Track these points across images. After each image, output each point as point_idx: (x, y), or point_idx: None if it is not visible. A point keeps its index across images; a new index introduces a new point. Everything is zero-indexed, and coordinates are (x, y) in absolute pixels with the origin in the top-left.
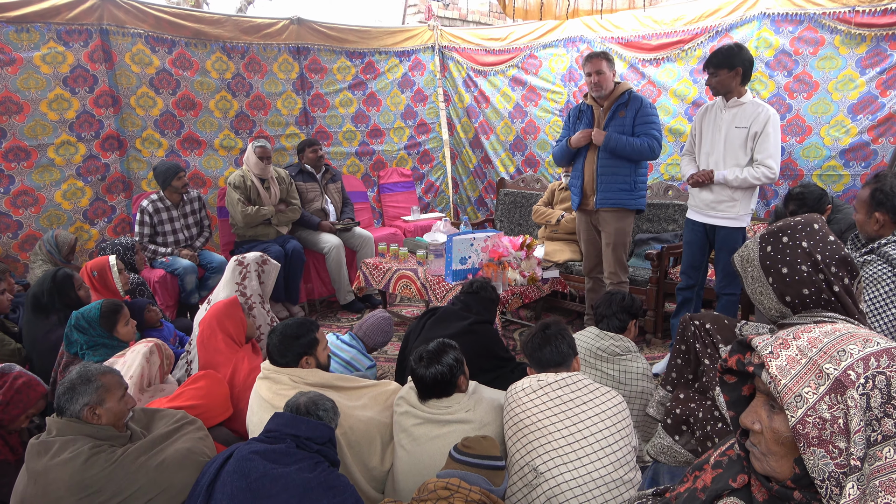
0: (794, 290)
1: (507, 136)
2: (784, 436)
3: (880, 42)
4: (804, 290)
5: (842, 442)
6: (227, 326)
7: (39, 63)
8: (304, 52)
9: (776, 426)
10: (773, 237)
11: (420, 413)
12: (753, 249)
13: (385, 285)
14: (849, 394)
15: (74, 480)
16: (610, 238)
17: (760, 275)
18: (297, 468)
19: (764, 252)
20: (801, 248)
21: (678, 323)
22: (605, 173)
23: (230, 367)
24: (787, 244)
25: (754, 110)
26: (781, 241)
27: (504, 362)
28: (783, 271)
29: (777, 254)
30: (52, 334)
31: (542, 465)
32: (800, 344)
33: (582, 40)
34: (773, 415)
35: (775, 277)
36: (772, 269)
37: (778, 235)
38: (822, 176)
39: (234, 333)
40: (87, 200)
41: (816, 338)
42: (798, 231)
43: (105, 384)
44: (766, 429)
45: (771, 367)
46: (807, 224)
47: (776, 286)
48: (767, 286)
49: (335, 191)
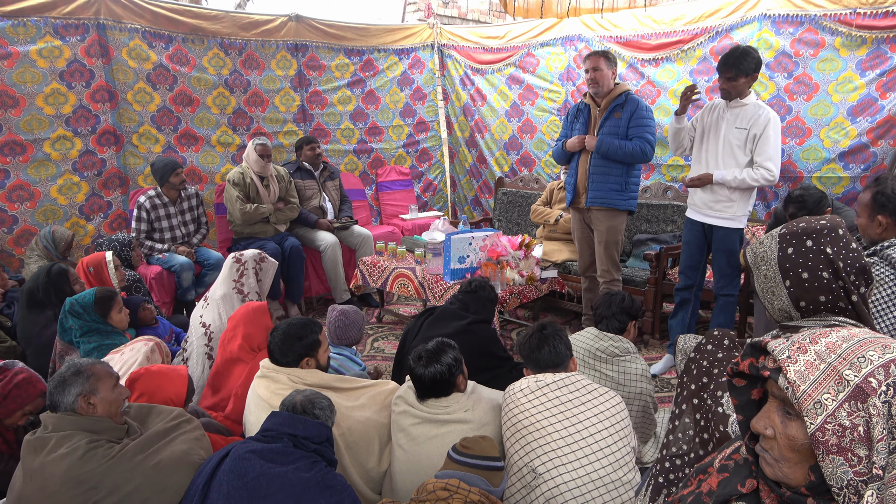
0: (811, 296)
1: (503, 134)
2: (800, 443)
3: (881, 44)
4: (821, 297)
5: (861, 450)
6: (249, 331)
7: (36, 57)
8: (302, 49)
9: (791, 433)
10: (797, 239)
11: (418, 413)
12: (771, 248)
13: (382, 284)
14: (871, 402)
15: (71, 475)
16: (602, 236)
17: (776, 275)
18: (293, 467)
19: (784, 253)
20: (824, 253)
21: (674, 326)
22: (598, 173)
23: (245, 370)
24: (810, 248)
25: (755, 112)
26: (805, 244)
27: (502, 362)
28: (803, 276)
29: (799, 257)
30: (47, 330)
31: (540, 466)
32: (818, 349)
33: (580, 39)
34: (787, 421)
35: (793, 281)
36: (791, 273)
37: (802, 238)
38: (822, 178)
39: (254, 339)
40: (83, 196)
41: (835, 343)
42: (824, 236)
43: (96, 373)
44: (781, 434)
45: (789, 372)
46: (832, 229)
47: (793, 290)
48: (782, 288)
49: (333, 188)
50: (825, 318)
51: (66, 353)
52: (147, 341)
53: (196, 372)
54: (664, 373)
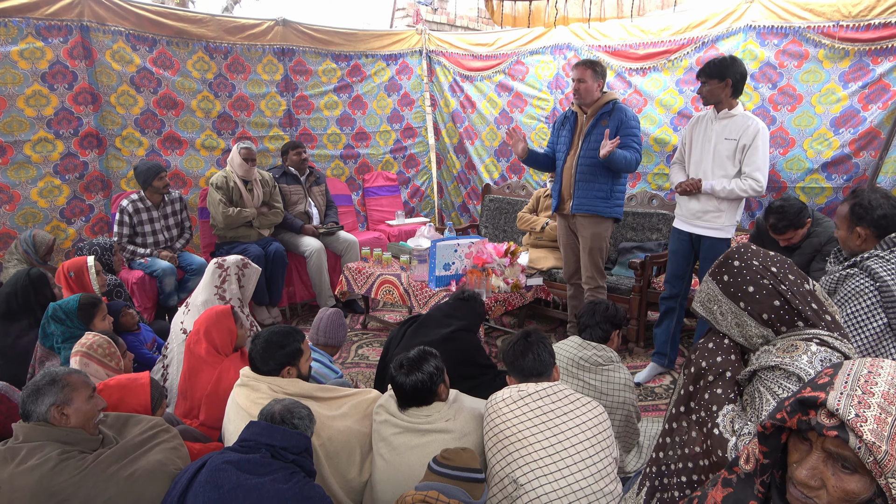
0: (766, 305)
1: (493, 141)
2: (860, 497)
3: (863, 57)
4: (775, 303)
5: None
6: (213, 335)
7: (17, 58)
8: (289, 53)
9: (851, 487)
10: (725, 266)
11: (399, 422)
12: (711, 287)
13: (367, 290)
14: None
15: (41, 487)
16: (586, 243)
17: (730, 305)
18: (271, 479)
19: (723, 283)
20: (753, 265)
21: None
22: (583, 180)
23: (214, 375)
24: (740, 267)
25: (744, 123)
26: (734, 266)
27: (485, 370)
28: (749, 290)
29: (737, 277)
30: (21, 339)
31: (522, 476)
32: (878, 401)
33: (569, 48)
34: (843, 475)
35: (745, 299)
36: (738, 294)
37: (729, 263)
38: (805, 188)
39: (219, 343)
40: (64, 199)
41: (888, 392)
42: (743, 254)
43: (71, 383)
44: (835, 488)
45: (864, 433)
46: (746, 247)
47: (750, 308)
48: (742, 313)
49: (319, 194)
50: (799, 332)
51: (45, 358)
52: (75, 355)
53: (177, 379)
54: (648, 381)
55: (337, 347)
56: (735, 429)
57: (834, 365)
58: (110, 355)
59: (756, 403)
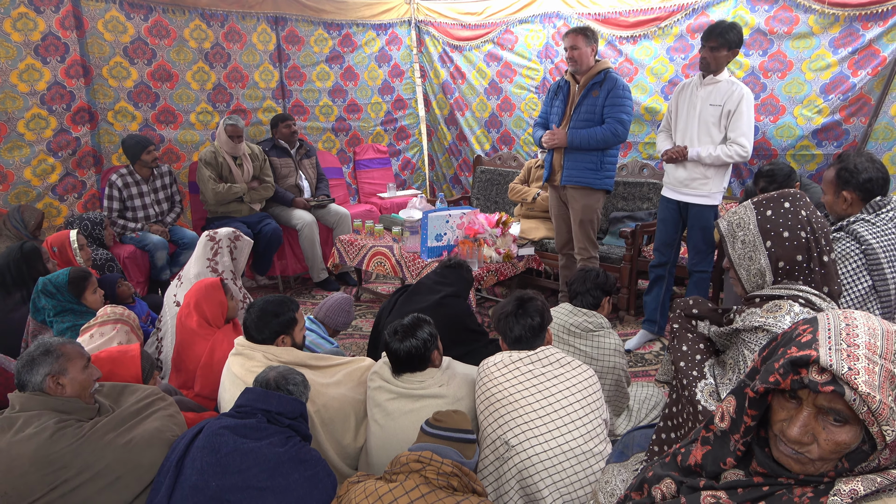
0: (789, 256)
1: (483, 112)
2: (850, 446)
3: (853, 22)
4: (798, 257)
5: None
6: (203, 308)
7: (10, 30)
8: (281, 22)
9: (842, 438)
10: (774, 202)
11: (393, 388)
12: (748, 214)
13: (360, 262)
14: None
15: (39, 455)
16: (577, 215)
17: (756, 238)
18: (268, 443)
19: (763, 216)
20: (801, 215)
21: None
22: (573, 151)
23: (206, 347)
24: (788, 210)
25: (728, 88)
26: (783, 206)
27: (477, 336)
28: (784, 235)
29: (779, 218)
30: (15, 313)
31: (513, 438)
32: (864, 353)
33: (559, 16)
34: (834, 428)
35: (774, 241)
36: (772, 233)
37: (780, 201)
38: (796, 155)
39: (210, 315)
40: (56, 176)
41: (870, 342)
42: (798, 199)
43: (66, 353)
44: (826, 441)
45: (859, 385)
46: (803, 195)
47: (773, 250)
48: (762, 251)
49: (310, 166)
50: (790, 286)
51: (38, 332)
52: (115, 324)
53: (171, 351)
54: (638, 348)
55: (336, 331)
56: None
57: (808, 321)
58: (137, 324)
59: (741, 367)
